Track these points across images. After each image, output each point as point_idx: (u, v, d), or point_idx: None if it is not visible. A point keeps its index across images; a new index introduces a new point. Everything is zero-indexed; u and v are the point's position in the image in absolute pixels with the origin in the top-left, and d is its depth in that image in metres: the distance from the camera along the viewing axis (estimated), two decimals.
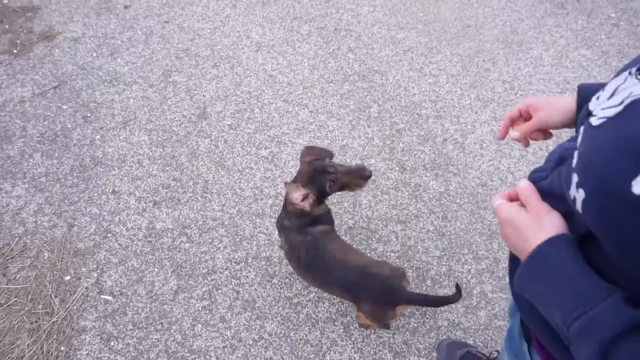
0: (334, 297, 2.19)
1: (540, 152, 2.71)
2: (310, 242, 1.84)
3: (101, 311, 2.17)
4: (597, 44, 3.35)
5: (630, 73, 0.63)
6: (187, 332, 2.10)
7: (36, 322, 2.12)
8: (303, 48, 3.33)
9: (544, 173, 0.84)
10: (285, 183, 1.78)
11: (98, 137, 2.82)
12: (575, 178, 0.63)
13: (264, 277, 2.27)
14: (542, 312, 0.73)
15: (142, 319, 2.14)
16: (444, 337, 2.09)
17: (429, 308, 2.16)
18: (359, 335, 2.09)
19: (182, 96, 3.03)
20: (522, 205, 0.81)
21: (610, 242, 0.61)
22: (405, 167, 2.67)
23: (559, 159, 0.79)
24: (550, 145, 2.71)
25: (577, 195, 0.62)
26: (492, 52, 3.29)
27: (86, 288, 2.24)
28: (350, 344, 2.08)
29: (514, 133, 1.09)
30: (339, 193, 1.97)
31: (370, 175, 1.76)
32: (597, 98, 0.66)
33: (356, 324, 2.12)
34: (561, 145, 0.86)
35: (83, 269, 2.30)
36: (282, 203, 2.11)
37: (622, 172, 0.54)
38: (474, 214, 2.48)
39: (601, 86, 0.72)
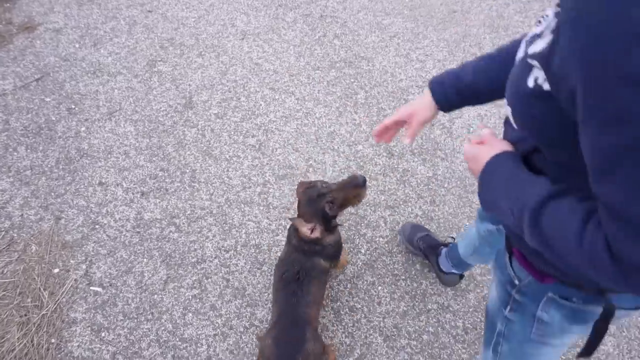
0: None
1: None
2: (307, 268, 1.83)
3: (91, 303, 2.16)
4: None
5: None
6: (177, 321, 2.10)
7: (25, 315, 2.11)
8: (289, 35, 3.31)
9: None
10: (290, 218, 1.80)
11: (83, 129, 2.79)
12: (505, 102, 0.83)
13: (253, 264, 2.27)
14: (502, 219, 0.88)
15: (132, 310, 2.14)
16: (433, 316, 2.12)
17: (418, 292, 2.18)
18: (349, 320, 2.11)
19: (168, 86, 3.01)
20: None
21: (539, 139, 0.81)
22: (393, 153, 2.67)
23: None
24: None
25: (509, 112, 0.83)
26: (479, 36, 3.30)
27: (75, 280, 2.23)
28: (341, 329, 2.09)
29: (407, 140, 1.32)
30: (344, 212, 1.92)
31: (365, 182, 1.77)
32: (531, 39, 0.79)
33: (347, 309, 2.13)
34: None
35: (71, 261, 2.29)
36: (270, 196, 2.11)
37: (521, 77, 0.75)
38: (462, 197, 2.49)
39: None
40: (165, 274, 2.24)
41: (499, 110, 2.84)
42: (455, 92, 1.21)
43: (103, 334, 2.07)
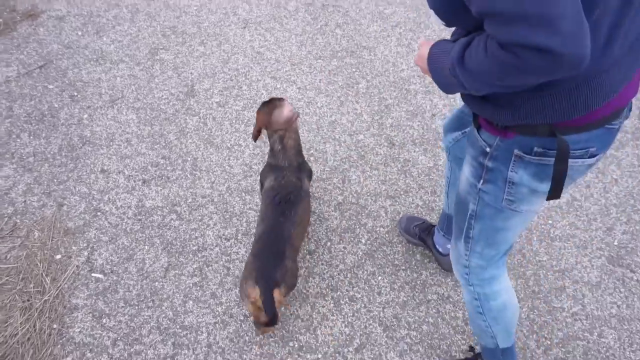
0: (324, 273, 2.22)
1: None
2: (297, 189, 1.99)
3: (92, 289, 2.18)
4: None
5: None
6: (178, 309, 2.12)
7: (28, 300, 2.13)
8: (290, 24, 3.30)
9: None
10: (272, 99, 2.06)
11: (86, 116, 2.80)
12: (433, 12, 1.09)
13: None
14: (450, 87, 1.06)
15: (133, 297, 2.16)
16: (433, 307, 2.13)
17: (418, 282, 2.19)
18: (349, 309, 2.12)
19: (170, 74, 3.01)
20: None
21: (455, 22, 1.08)
22: (394, 143, 2.67)
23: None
24: None
25: (435, 16, 1.09)
26: None
27: (77, 266, 2.24)
28: (340, 319, 2.10)
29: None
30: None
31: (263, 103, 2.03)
32: None
33: (347, 299, 2.15)
34: None
35: (73, 247, 2.30)
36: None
37: None
38: None
39: None
40: (166, 261, 2.26)
41: None
42: None
43: (104, 321, 2.09)
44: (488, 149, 1.18)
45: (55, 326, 2.07)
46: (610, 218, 2.38)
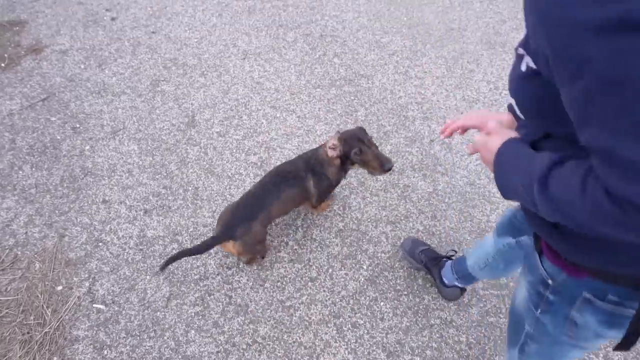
0: (327, 299, 2.21)
1: None
2: (299, 177, 2.16)
3: (94, 320, 2.17)
4: None
5: None
6: (180, 339, 2.10)
7: (28, 333, 2.11)
8: (289, 55, 3.36)
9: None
10: (337, 131, 2.10)
11: (87, 147, 2.83)
12: (510, 94, 0.93)
13: (255, 281, 2.28)
14: (516, 198, 0.92)
15: (135, 327, 2.14)
16: (436, 331, 2.11)
17: (420, 307, 2.18)
18: (352, 336, 2.11)
19: (171, 105, 3.05)
20: None
21: (541, 120, 0.89)
22: (393, 169, 2.69)
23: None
24: None
25: (513, 103, 0.93)
26: (476, 53, 3.34)
27: (78, 297, 2.24)
28: (343, 345, 2.09)
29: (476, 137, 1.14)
30: (356, 168, 2.17)
31: (389, 170, 2.00)
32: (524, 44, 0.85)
33: (349, 325, 2.13)
34: None
35: (75, 278, 2.30)
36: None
37: (516, 66, 0.85)
38: (463, 212, 2.50)
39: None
40: (168, 291, 2.25)
41: None
42: None
43: (105, 352, 2.07)
44: (550, 281, 1.05)
45: (55, 359, 2.05)
46: None
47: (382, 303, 2.21)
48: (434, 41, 3.43)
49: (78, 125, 2.94)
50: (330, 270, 2.31)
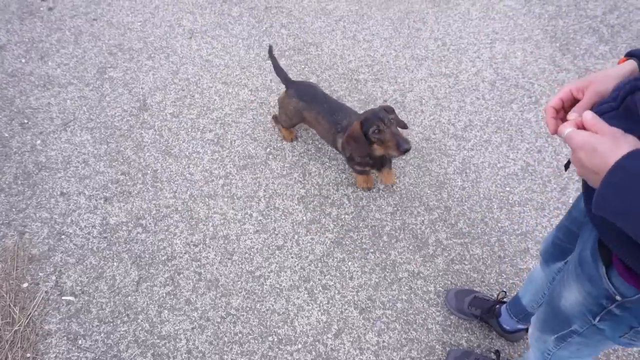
0: (295, 265, 2.25)
1: (477, 102, 2.81)
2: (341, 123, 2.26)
3: (64, 312, 2.15)
4: None
5: None
6: (154, 320, 2.11)
7: None
8: (236, 30, 3.32)
9: (614, 103, 0.88)
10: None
11: (39, 142, 2.76)
12: None
13: (223, 255, 2.29)
14: (623, 226, 0.74)
15: (107, 314, 2.14)
16: (404, 284, 2.17)
17: (388, 263, 2.24)
18: (323, 297, 2.15)
19: (120, 91, 2.99)
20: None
21: None
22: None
23: (630, 88, 0.84)
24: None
25: None
26: (422, 12, 3.37)
27: (46, 292, 2.21)
28: (316, 307, 2.13)
29: (567, 128, 0.88)
30: (376, 148, 2.09)
31: (406, 152, 1.95)
32: None
33: (320, 288, 2.18)
34: (627, 80, 0.90)
35: (40, 273, 2.27)
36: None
37: None
38: (421, 167, 2.56)
39: None
40: (137, 274, 2.25)
41: (448, 81, 2.92)
42: None
43: (80, 342, 2.07)
44: (619, 298, 0.96)
45: (29, 355, 2.04)
46: (563, 179, 2.48)
47: (349, 263, 2.25)
48: (379, 3, 3.44)
49: (26, 121, 2.86)
50: (296, 237, 2.34)
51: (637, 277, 0.89)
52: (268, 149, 2.66)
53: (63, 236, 2.39)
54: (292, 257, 2.28)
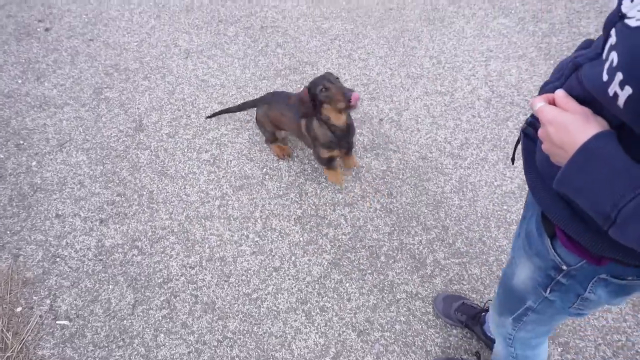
0: (292, 287, 2.23)
1: (473, 120, 2.82)
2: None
3: (59, 337, 2.13)
4: (513, 11, 3.49)
5: None
6: (150, 344, 2.09)
7: None
8: (232, 49, 3.33)
9: (558, 82, 0.91)
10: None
11: (34, 163, 2.75)
12: (619, 76, 0.69)
13: (220, 277, 2.27)
14: (581, 203, 0.78)
15: (102, 338, 2.11)
16: (403, 305, 2.16)
17: (385, 284, 2.22)
18: (321, 320, 2.13)
19: (117, 111, 2.99)
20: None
21: None
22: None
23: (573, 66, 0.86)
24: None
25: (621, 92, 0.69)
26: (417, 30, 3.39)
27: (40, 316, 2.19)
28: (314, 330, 2.11)
29: (539, 102, 0.90)
30: (326, 109, 2.17)
31: (350, 100, 2.00)
32: (632, 1, 0.71)
33: (317, 310, 2.16)
34: (568, 57, 0.93)
35: (34, 297, 2.25)
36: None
37: None
38: (418, 187, 2.55)
39: None
40: (133, 297, 2.23)
41: (444, 99, 2.93)
42: None
43: None
44: (564, 267, 1.01)
45: None
46: None
47: (347, 284, 2.24)
48: (374, 22, 3.46)
49: (22, 142, 2.86)
50: (293, 258, 2.33)
51: (579, 245, 0.93)
52: (264, 169, 2.66)
53: (58, 259, 2.37)
54: (289, 279, 2.26)
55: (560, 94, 0.85)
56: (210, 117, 2.86)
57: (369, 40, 3.33)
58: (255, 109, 2.66)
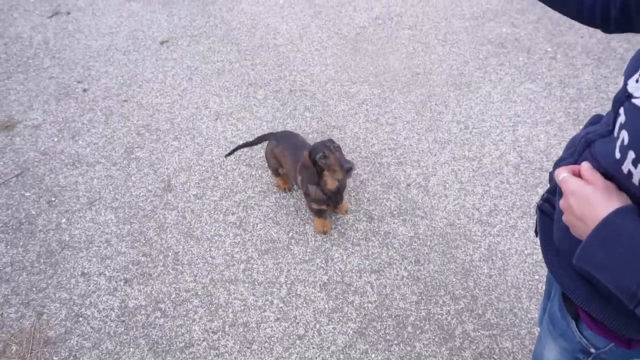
0: (316, 357, 2.16)
1: (502, 186, 2.79)
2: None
3: None
4: (539, 77, 3.52)
5: None
6: None
7: None
8: (261, 112, 3.41)
9: (571, 159, 0.91)
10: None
11: (64, 220, 2.80)
12: (631, 154, 0.70)
13: (242, 344, 2.22)
14: (604, 280, 0.74)
15: None
16: None
17: (412, 355, 2.15)
18: None
19: (146, 171, 3.05)
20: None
21: None
22: (372, 217, 2.70)
23: (585, 142, 0.88)
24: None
25: (635, 170, 0.70)
26: (443, 95, 3.43)
27: None
28: None
29: (563, 172, 0.90)
30: (326, 175, 2.32)
31: (349, 170, 2.15)
32: (637, 81, 0.73)
33: None
34: (580, 134, 0.94)
35: (55, 358, 2.22)
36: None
37: None
38: (446, 254, 2.51)
39: (635, 70, 0.79)
40: None
41: (472, 164, 2.91)
42: None
43: None
44: (593, 350, 0.97)
45: None
46: None
47: (373, 355, 2.17)
48: (401, 87, 3.51)
49: (53, 199, 2.92)
50: (317, 326, 2.27)
51: (605, 327, 0.89)
52: (290, 233, 2.65)
53: (81, 318, 2.36)
54: (313, 348, 2.20)
55: (586, 166, 0.83)
56: (228, 155, 3.00)
57: (396, 105, 3.37)
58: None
